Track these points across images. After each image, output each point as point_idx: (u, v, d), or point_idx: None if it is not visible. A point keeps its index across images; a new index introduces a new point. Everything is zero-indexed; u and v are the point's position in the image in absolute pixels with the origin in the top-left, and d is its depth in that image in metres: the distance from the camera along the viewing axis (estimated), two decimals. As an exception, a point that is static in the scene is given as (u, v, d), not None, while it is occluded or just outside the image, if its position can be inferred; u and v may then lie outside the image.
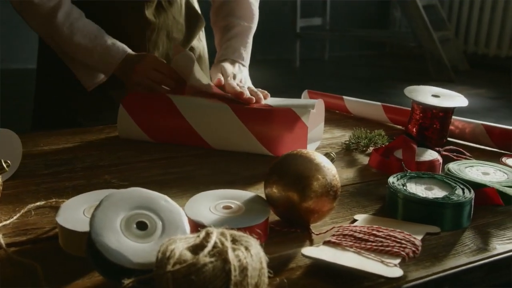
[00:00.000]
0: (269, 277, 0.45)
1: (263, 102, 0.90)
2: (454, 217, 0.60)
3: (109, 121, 1.00)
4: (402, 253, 0.50)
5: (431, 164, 0.77)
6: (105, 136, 0.95)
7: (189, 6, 1.18)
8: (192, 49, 1.21)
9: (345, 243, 0.52)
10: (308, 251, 0.51)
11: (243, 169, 0.79)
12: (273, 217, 0.60)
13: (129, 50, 0.98)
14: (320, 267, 0.51)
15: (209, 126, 0.86)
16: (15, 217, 0.59)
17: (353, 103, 1.12)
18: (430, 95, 0.90)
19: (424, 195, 0.62)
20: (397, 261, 0.49)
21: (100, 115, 1.09)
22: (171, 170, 0.78)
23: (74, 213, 0.54)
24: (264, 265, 0.44)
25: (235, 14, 1.09)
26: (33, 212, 0.61)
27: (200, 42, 1.25)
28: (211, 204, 0.57)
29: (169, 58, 1.15)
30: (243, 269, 0.41)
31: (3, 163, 0.59)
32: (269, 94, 0.92)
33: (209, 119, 0.86)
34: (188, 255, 0.42)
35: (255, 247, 0.44)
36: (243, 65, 1.04)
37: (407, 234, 0.53)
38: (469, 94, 3.72)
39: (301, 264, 0.52)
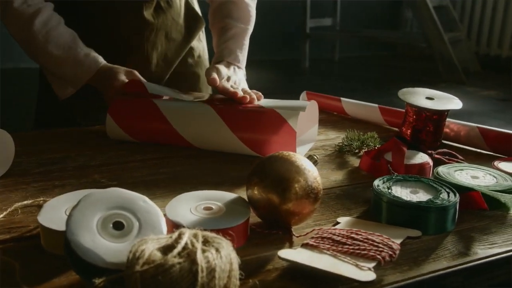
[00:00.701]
0: (241, 279, 0.45)
1: (256, 103, 0.90)
2: (438, 221, 0.60)
3: None
4: (378, 256, 0.50)
5: (421, 167, 0.76)
6: (101, 136, 0.95)
7: (188, 7, 1.19)
8: (191, 49, 1.22)
9: (323, 246, 0.52)
10: (285, 253, 0.51)
11: (232, 170, 0.79)
12: (255, 218, 0.60)
13: (103, 62, 0.98)
14: (296, 270, 0.51)
15: (194, 130, 0.86)
16: (1, 216, 0.60)
17: (350, 104, 1.12)
18: (424, 97, 0.89)
19: (408, 199, 0.61)
20: (372, 264, 0.49)
21: (99, 116, 1.10)
22: (161, 170, 0.79)
23: (56, 213, 0.55)
24: (235, 267, 0.44)
25: (232, 15, 1.09)
26: (19, 211, 0.62)
27: (200, 42, 1.25)
28: (192, 205, 0.58)
29: (167, 58, 1.15)
30: (211, 271, 0.41)
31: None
32: (262, 96, 0.92)
33: (193, 123, 0.86)
34: (157, 256, 0.42)
35: (226, 248, 0.44)
36: (239, 67, 1.05)
37: (386, 238, 0.53)
38: (479, 95, 3.69)
39: (278, 266, 0.52)
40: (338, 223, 0.61)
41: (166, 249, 0.43)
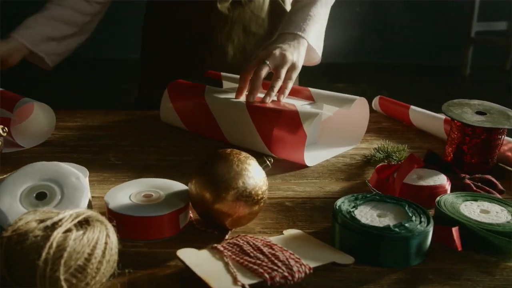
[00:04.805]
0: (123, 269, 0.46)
1: (312, 94, 0.89)
2: (394, 252, 0.51)
3: None
4: (265, 275, 0.44)
5: (431, 190, 0.64)
6: (149, 120, 1.01)
7: (274, 2, 1.18)
8: None
9: (226, 253, 0.49)
10: (183, 252, 0.49)
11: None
12: (202, 214, 0.59)
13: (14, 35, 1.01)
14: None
15: (227, 120, 0.87)
16: (2, 177, 0.69)
17: (416, 114, 0.99)
18: (474, 111, 0.75)
19: (367, 222, 0.53)
20: (252, 282, 0.44)
21: None
22: (170, 157, 0.81)
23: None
24: (99, 252, 0.44)
25: None
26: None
27: None
28: (135, 191, 0.59)
29: (246, 52, 1.17)
30: (61, 249, 0.42)
31: (0, 130, 0.70)
32: (284, 94, 0.88)
33: (228, 114, 0.86)
34: (27, 227, 0.44)
35: (97, 233, 0.45)
36: (300, 36, 0.97)
37: (296, 258, 0.47)
38: None
39: (181, 264, 0.50)
40: (282, 234, 0.56)
41: (41, 222, 0.45)
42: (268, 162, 0.58)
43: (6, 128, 0.71)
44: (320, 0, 1.04)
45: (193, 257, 0.48)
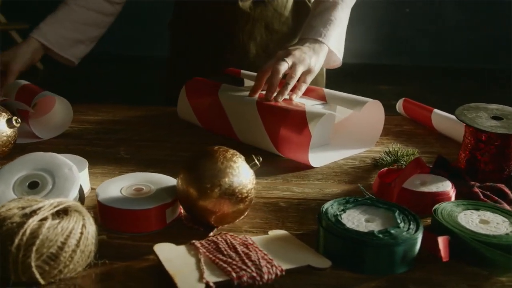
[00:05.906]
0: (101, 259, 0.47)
1: (325, 94, 0.88)
2: (378, 259, 0.49)
3: None
4: (233, 274, 0.44)
5: (433, 197, 0.61)
6: (171, 116, 1.03)
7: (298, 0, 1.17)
8: None
9: (201, 250, 0.49)
10: (159, 247, 0.49)
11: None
12: (192, 211, 0.59)
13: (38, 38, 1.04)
14: (169, 266, 0.49)
15: (239, 119, 0.87)
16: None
17: (438, 118, 0.95)
18: (490, 116, 0.71)
19: (351, 227, 0.51)
20: (218, 280, 0.44)
21: None
22: (180, 153, 0.82)
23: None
24: (73, 241, 0.45)
25: None
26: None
27: None
28: (127, 184, 0.60)
29: (268, 50, 1.16)
30: (34, 237, 0.44)
31: (14, 121, 0.73)
32: (297, 94, 0.87)
33: (240, 112, 0.86)
34: (8, 213, 0.46)
35: (73, 223, 0.46)
36: (320, 42, 0.96)
37: (268, 259, 0.47)
38: None
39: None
40: (267, 234, 0.55)
41: (22, 210, 0.47)
42: (256, 161, 0.57)
43: (19, 119, 0.74)
44: (340, 3, 1.02)
45: (168, 252, 0.48)
